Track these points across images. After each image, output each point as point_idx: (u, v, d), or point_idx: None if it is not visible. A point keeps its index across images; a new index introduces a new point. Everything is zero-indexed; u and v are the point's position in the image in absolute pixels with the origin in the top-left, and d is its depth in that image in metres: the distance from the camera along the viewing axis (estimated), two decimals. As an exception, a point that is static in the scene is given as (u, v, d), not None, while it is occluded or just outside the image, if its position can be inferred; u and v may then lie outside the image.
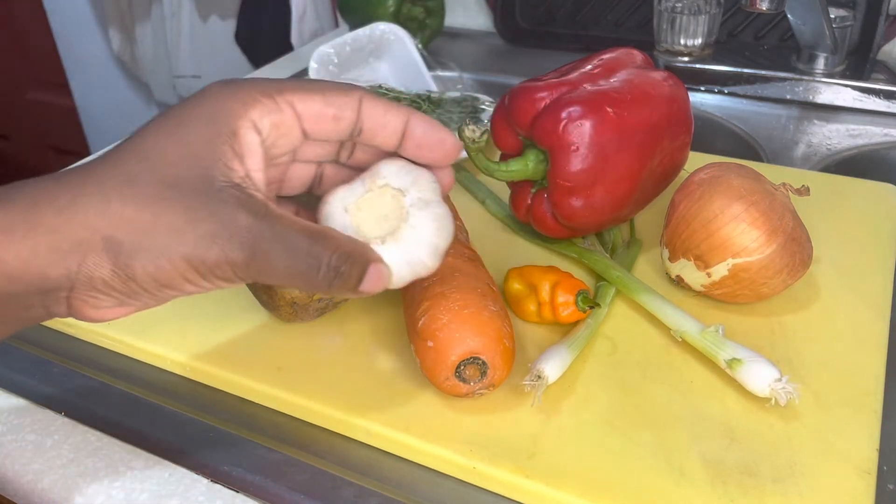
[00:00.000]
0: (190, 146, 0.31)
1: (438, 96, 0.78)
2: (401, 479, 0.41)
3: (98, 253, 0.29)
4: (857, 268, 0.53)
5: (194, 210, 0.30)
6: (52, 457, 0.44)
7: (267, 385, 0.45)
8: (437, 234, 0.34)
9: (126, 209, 0.29)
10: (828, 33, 0.78)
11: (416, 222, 0.34)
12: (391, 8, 0.96)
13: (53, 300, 0.31)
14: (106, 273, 0.30)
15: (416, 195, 0.34)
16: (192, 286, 0.31)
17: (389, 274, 0.33)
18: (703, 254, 0.47)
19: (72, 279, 0.30)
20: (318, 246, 0.31)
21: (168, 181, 0.30)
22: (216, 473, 0.42)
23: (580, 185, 0.49)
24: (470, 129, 0.51)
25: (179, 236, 0.30)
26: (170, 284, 0.31)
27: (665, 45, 0.88)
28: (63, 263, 0.29)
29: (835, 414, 0.41)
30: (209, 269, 0.30)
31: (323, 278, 0.31)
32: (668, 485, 0.38)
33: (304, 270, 0.31)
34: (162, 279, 0.30)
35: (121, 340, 0.50)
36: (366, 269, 0.32)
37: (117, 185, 0.30)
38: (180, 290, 0.31)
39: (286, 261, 0.31)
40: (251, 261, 0.30)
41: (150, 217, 0.30)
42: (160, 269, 0.30)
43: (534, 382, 0.42)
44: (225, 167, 0.31)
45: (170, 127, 0.31)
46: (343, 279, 0.32)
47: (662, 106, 0.51)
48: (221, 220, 0.30)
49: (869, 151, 0.74)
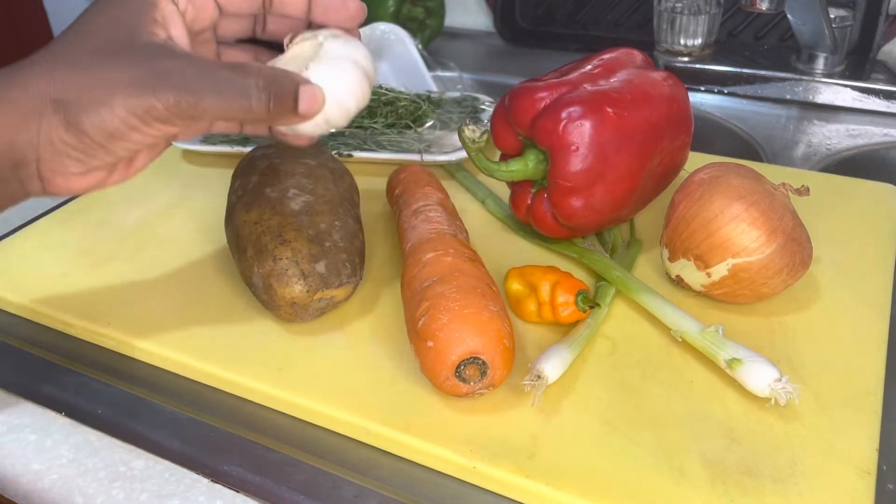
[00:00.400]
0: (118, 18, 0.36)
1: (438, 96, 0.78)
2: (401, 479, 0.41)
3: (50, 116, 0.34)
4: (857, 268, 0.53)
5: (125, 64, 0.35)
6: (52, 457, 0.44)
7: (267, 385, 0.45)
8: (353, 51, 0.39)
9: (68, 74, 0.34)
10: (827, 33, 0.78)
11: (330, 45, 0.39)
12: (391, 8, 0.96)
13: (26, 175, 0.36)
14: (62, 133, 0.34)
15: (327, 33, 0.40)
16: (138, 133, 0.35)
17: (322, 93, 0.37)
18: (703, 254, 0.47)
19: (35, 146, 0.35)
20: (241, 74, 0.35)
21: (101, 46, 0.35)
22: (216, 473, 0.42)
23: (580, 185, 0.49)
24: (470, 129, 0.51)
25: (114, 88, 0.34)
26: (117, 134, 0.35)
27: (665, 45, 0.88)
28: (25, 129, 0.34)
29: (835, 414, 0.42)
30: (146, 113, 0.34)
31: (257, 104, 0.35)
32: (668, 485, 0.38)
33: (236, 97, 0.35)
34: (109, 129, 0.34)
35: (121, 340, 0.50)
36: (296, 88, 0.36)
37: (60, 56, 0.35)
38: (128, 140, 0.35)
39: (215, 93, 0.34)
40: (182, 99, 0.34)
41: (89, 77, 0.34)
42: (104, 120, 0.34)
43: (534, 382, 0.42)
44: (149, 32, 0.36)
45: (101, 6, 0.37)
46: (278, 101, 0.35)
47: (662, 106, 0.51)
48: (149, 67, 0.34)
49: (869, 151, 0.74)
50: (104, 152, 0.36)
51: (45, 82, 0.34)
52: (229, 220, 0.52)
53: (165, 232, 0.61)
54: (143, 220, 0.63)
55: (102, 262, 0.58)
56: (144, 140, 0.36)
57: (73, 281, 0.55)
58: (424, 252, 0.47)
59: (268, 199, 0.50)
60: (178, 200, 0.66)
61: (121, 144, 0.36)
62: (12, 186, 0.36)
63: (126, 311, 0.52)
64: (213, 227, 0.61)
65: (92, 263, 0.57)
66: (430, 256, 0.46)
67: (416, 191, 0.56)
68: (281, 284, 0.47)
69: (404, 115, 0.74)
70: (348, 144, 0.71)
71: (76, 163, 0.36)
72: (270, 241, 0.48)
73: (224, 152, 0.72)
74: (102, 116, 0.34)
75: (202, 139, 0.74)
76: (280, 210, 0.49)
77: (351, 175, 0.58)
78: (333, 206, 0.52)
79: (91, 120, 0.34)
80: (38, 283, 0.55)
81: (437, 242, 0.48)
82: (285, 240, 0.48)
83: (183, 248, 0.59)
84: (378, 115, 0.74)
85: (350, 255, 0.49)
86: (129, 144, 0.36)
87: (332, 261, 0.48)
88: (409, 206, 0.54)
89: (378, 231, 0.60)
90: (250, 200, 0.51)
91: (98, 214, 0.64)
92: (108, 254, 0.59)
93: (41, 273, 0.57)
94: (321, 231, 0.49)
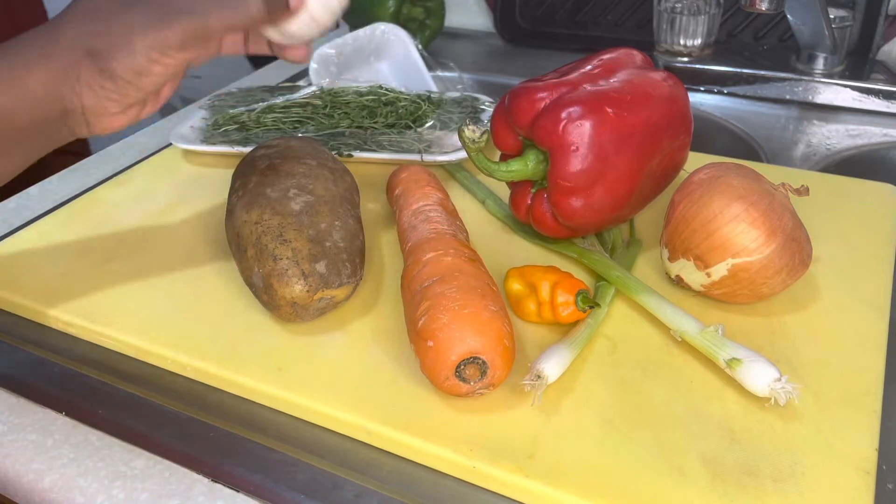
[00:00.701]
0: None
1: (438, 96, 0.78)
2: (401, 479, 0.41)
3: (88, 65, 0.39)
4: (856, 268, 0.53)
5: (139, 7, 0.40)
6: (52, 456, 0.44)
7: (267, 385, 0.45)
8: None
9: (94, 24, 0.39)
10: (827, 33, 0.78)
11: None
12: (391, 8, 0.96)
13: (74, 121, 0.41)
14: (98, 79, 0.39)
15: None
16: (159, 65, 0.40)
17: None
18: (702, 254, 0.47)
19: (79, 94, 0.40)
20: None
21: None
22: (216, 473, 0.42)
23: (580, 185, 0.49)
24: (470, 129, 0.51)
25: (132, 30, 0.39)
26: (143, 71, 0.40)
27: (665, 46, 0.88)
28: (67, 80, 0.39)
29: (834, 414, 0.42)
30: (163, 44, 0.39)
31: (256, 7, 0.40)
32: (667, 484, 0.38)
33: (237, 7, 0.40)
34: (135, 68, 0.40)
35: (121, 340, 0.50)
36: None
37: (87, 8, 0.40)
38: (154, 74, 0.40)
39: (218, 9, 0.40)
40: (192, 23, 0.39)
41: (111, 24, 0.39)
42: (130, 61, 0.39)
43: (534, 382, 0.42)
44: None
45: None
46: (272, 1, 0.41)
47: (662, 106, 0.51)
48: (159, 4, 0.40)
49: (868, 151, 0.74)
50: (134, 89, 0.41)
51: (77, 35, 0.39)
52: (229, 220, 0.52)
53: (165, 232, 0.61)
54: (143, 220, 0.63)
55: (102, 262, 0.58)
56: (166, 71, 0.41)
57: (73, 281, 0.55)
58: (424, 252, 0.47)
59: (268, 199, 0.50)
60: (178, 200, 0.66)
61: (148, 80, 0.41)
62: (62, 132, 0.42)
63: (126, 311, 0.52)
64: (213, 227, 0.61)
65: (92, 263, 0.57)
66: (430, 256, 0.46)
67: (416, 191, 0.56)
68: (281, 284, 0.47)
69: (404, 115, 0.74)
70: (348, 144, 0.71)
71: (114, 103, 0.41)
72: (271, 241, 0.48)
73: (224, 152, 0.72)
74: (128, 58, 0.39)
75: (202, 139, 0.74)
76: (280, 210, 0.49)
77: (351, 175, 0.58)
78: (333, 206, 0.52)
79: (119, 63, 0.39)
80: (38, 283, 0.55)
81: (437, 242, 0.48)
82: (285, 240, 0.48)
83: (183, 248, 0.59)
84: (378, 115, 0.75)
85: (350, 255, 0.50)
86: (155, 78, 0.41)
87: (332, 261, 0.48)
88: (409, 206, 0.54)
89: (378, 231, 0.60)
90: (250, 200, 0.51)
91: (98, 214, 0.64)
92: (108, 254, 0.59)
93: (41, 273, 0.57)
94: (321, 231, 0.49)
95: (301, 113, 0.75)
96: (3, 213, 0.67)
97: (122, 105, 0.42)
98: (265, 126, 0.74)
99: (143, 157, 0.75)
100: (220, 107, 0.79)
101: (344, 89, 0.78)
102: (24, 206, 0.68)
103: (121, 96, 0.41)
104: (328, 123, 0.74)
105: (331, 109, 0.75)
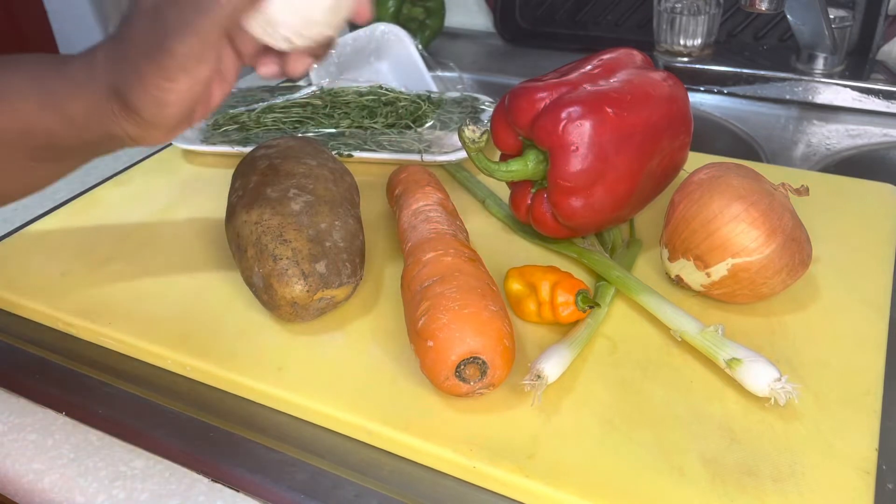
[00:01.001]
0: None
1: (438, 96, 0.78)
2: (401, 479, 0.41)
3: (116, 101, 0.39)
4: (856, 268, 0.53)
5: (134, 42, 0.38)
6: (52, 456, 0.44)
7: (267, 385, 0.45)
8: None
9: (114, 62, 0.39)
10: (827, 33, 0.78)
11: None
12: (391, 8, 0.96)
13: (121, 141, 0.41)
14: (127, 113, 0.39)
15: None
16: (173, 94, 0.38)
17: None
18: (702, 254, 0.47)
19: (118, 123, 0.39)
20: None
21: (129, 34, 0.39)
22: (216, 473, 0.42)
23: (580, 185, 0.49)
24: (470, 129, 0.51)
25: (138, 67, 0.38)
26: (160, 102, 0.38)
27: (665, 46, 0.88)
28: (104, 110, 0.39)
29: (834, 414, 0.42)
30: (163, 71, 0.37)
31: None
32: (667, 484, 0.38)
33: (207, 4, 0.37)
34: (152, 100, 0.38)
35: (121, 340, 0.50)
36: None
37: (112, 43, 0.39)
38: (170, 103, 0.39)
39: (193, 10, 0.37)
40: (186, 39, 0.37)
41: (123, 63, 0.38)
42: (145, 94, 0.38)
43: (534, 382, 0.42)
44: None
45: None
46: None
47: (662, 106, 0.51)
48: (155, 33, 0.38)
49: (868, 151, 0.74)
50: (162, 118, 0.39)
51: (104, 71, 0.39)
52: (229, 220, 0.52)
53: (165, 232, 0.61)
54: (143, 220, 0.63)
55: (102, 262, 0.58)
56: (186, 94, 0.38)
57: (73, 281, 0.55)
58: (424, 252, 0.47)
59: (268, 199, 0.50)
60: (178, 200, 0.66)
61: (170, 110, 0.39)
62: (114, 146, 0.42)
63: (126, 311, 0.52)
64: (213, 227, 0.61)
65: (92, 263, 0.57)
66: (430, 256, 0.46)
67: (416, 191, 0.56)
68: (281, 284, 0.47)
69: (404, 115, 0.74)
70: (348, 144, 0.71)
71: (154, 128, 0.40)
72: (271, 241, 0.48)
73: (224, 152, 0.72)
74: (143, 94, 0.38)
75: (202, 139, 0.74)
76: (280, 210, 0.49)
77: (351, 175, 0.58)
78: (333, 206, 0.52)
79: (138, 100, 0.38)
80: (38, 283, 0.55)
81: (437, 242, 0.48)
82: (285, 240, 0.48)
83: (183, 248, 0.59)
84: (378, 115, 0.75)
85: (350, 255, 0.50)
86: (177, 105, 0.39)
87: (332, 261, 0.48)
88: (409, 206, 0.54)
89: (378, 231, 0.60)
90: (250, 200, 0.51)
91: (98, 214, 0.64)
92: (108, 254, 0.59)
93: (41, 273, 0.57)
94: (321, 231, 0.49)
95: (301, 113, 0.75)
96: (3, 213, 0.67)
97: (164, 129, 0.41)
98: (265, 126, 0.74)
99: (143, 157, 0.75)
100: (220, 107, 0.79)
101: (344, 89, 0.78)
102: (24, 206, 0.68)
103: (154, 125, 0.40)
104: (328, 123, 0.74)
105: (331, 109, 0.75)
